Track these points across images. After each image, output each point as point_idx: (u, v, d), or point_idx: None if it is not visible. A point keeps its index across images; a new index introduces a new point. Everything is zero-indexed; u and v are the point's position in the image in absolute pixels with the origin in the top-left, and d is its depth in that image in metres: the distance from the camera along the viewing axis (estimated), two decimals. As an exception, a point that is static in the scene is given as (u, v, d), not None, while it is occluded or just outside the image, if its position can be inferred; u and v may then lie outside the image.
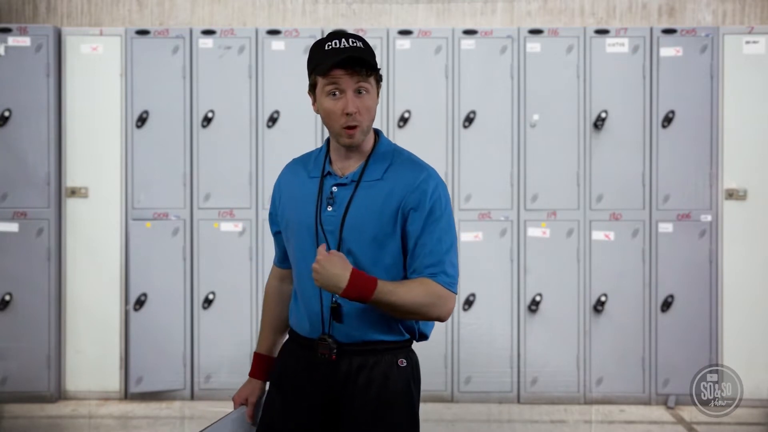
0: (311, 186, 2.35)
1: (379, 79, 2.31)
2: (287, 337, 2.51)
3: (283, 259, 2.53)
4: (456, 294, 2.30)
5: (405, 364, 2.35)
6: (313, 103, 2.34)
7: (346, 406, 2.31)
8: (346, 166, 2.33)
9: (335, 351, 2.29)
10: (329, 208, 2.30)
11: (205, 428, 2.36)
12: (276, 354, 2.55)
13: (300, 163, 2.45)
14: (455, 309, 5.23)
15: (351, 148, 2.32)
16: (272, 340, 2.57)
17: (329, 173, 2.34)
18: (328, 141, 2.41)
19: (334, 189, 2.31)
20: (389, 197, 2.27)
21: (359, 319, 2.30)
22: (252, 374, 2.57)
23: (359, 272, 2.20)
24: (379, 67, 2.31)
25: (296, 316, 2.40)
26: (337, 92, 2.25)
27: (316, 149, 2.47)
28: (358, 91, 2.25)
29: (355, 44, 2.26)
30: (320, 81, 2.27)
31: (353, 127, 2.26)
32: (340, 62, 2.22)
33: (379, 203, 2.28)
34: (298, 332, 2.40)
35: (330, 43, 2.26)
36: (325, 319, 2.31)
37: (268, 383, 2.54)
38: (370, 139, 2.36)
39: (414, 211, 2.28)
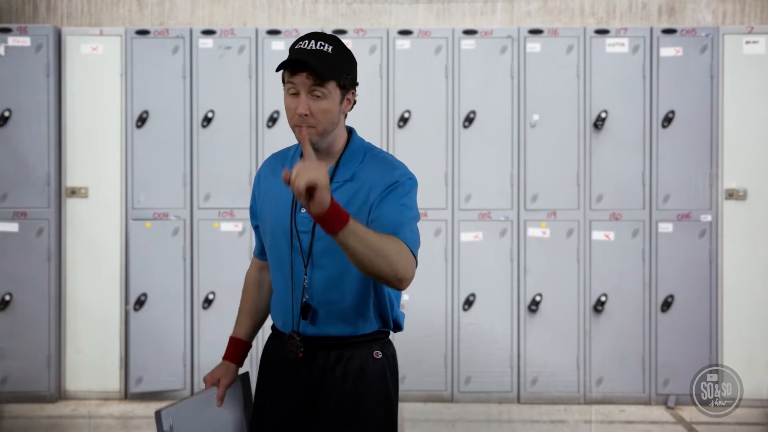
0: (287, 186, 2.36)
1: (345, 85, 2.31)
2: (264, 325, 2.59)
3: (263, 251, 2.59)
4: (417, 260, 2.24)
5: (380, 356, 2.37)
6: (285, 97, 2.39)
7: (324, 399, 2.34)
8: None
9: (302, 349, 2.33)
10: (302, 210, 2.32)
11: (173, 404, 2.36)
12: (251, 339, 2.60)
13: (278, 159, 2.51)
14: (455, 309, 5.24)
15: (320, 148, 2.33)
16: (249, 325, 2.61)
17: None
18: None
19: None
20: (356, 195, 2.30)
21: (330, 315, 2.33)
22: (226, 357, 2.57)
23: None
24: (346, 73, 2.31)
25: (274, 311, 2.47)
26: (294, 91, 2.28)
27: (294, 145, 2.51)
28: (315, 95, 2.27)
29: (321, 48, 2.27)
30: (285, 77, 2.31)
31: (304, 126, 2.28)
32: (287, 65, 2.26)
33: (349, 204, 2.29)
34: (276, 326, 2.47)
35: (301, 43, 2.29)
36: (295, 316, 2.35)
37: (240, 369, 2.60)
38: (342, 139, 2.39)
39: (380, 198, 2.28)
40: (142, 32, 5.30)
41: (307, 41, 2.29)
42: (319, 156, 2.33)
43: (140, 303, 5.28)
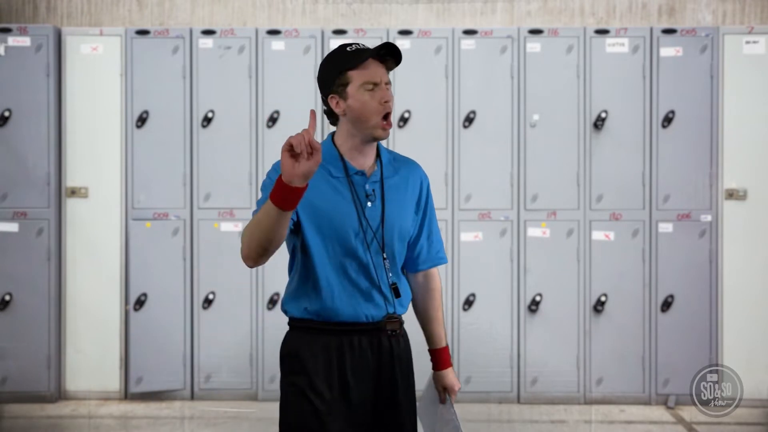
0: (339, 184, 2.46)
1: None
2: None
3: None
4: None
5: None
6: (336, 105, 2.44)
7: (391, 376, 2.52)
8: (364, 165, 2.49)
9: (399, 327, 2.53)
10: (369, 204, 2.46)
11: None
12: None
13: None
14: (455, 309, 5.26)
15: (366, 147, 2.47)
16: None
17: (357, 172, 2.47)
18: (331, 140, 2.50)
19: (368, 186, 2.47)
20: (407, 191, 2.54)
21: (403, 297, 2.54)
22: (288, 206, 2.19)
23: (444, 364, 2.73)
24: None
25: (333, 305, 2.45)
26: (372, 85, 2.41)
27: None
28: (387, 86, 2.45)
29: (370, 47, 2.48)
30: (355, 75, 2.41)
31: (388, 118, 2.43)
32: (381, 50, 2.42)
33: (401, 197, 2.52)
34: (338, 320, 2.46)
35: (350, 47, 2.45)
36: (388, 299, 2.49)
37: None
38: None
39: (426, 202, 2.59)
40: (142, 32, 5.30)
41: (354, 45, 2.45)
42: (366, 152, 2.48)
43: (140, 303, 5.28)
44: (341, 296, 2.45)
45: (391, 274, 2.49)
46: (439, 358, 2.73)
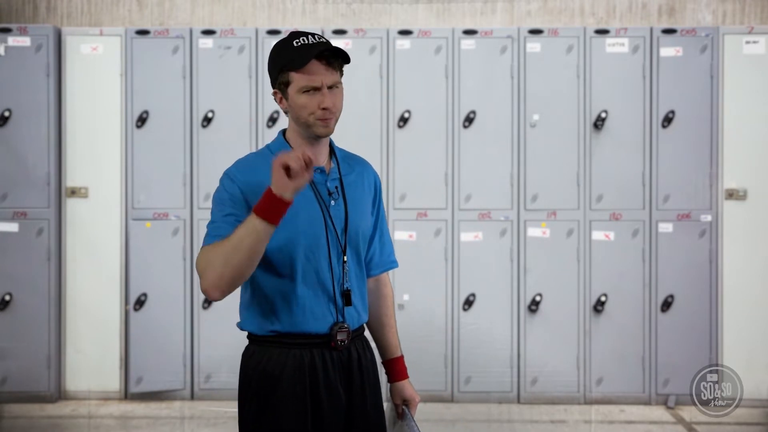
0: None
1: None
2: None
3: None
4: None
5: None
6: (279, 101, 2.32)
7: (357, 388, 2.38)
8: (319, 161, 2.35)
9: (351, 336, 2.36)
10: (332, 203, 2.34)
11: None
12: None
13: (262, 163, 2.30)
14: (455, 309, 5.26)
15: (318, 143, 2.33)
16: None
17: (316, 170, 2.33)
18: (283, 137, 2.38)
19: (329, 184, 2.35)
20: (364, 190, 2.42)
21: (361, 303, 2.39)
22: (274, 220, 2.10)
23: (401, 375, 2.56)
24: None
25: (296, 318, 2.32)
26: (311, 89, 2.25)
27: (265, 149, 2.38)
28: (330, 87, 2.27)
29: (321, 39, 2.29)
30: (296, 77, 2.25)
31: (328, 118, 2.28)
32: (319, 54, 2.24)
33: (360, 196, 2.41)
34: (310, 332, 2.33)
35: (297, 41, 2.27)
36: (339, 307, 2.33)
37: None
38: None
39: (378, 202, 2.48)
40: (142, 32, 5.30)
41: (303, 38, 2.27)
42: (318, 150, 2.34)
43: (140, 303, 5.28)
44: (313, 305, 2.31)
45: (349, 279, 2.34)
46: (396, 368, 2.54)
